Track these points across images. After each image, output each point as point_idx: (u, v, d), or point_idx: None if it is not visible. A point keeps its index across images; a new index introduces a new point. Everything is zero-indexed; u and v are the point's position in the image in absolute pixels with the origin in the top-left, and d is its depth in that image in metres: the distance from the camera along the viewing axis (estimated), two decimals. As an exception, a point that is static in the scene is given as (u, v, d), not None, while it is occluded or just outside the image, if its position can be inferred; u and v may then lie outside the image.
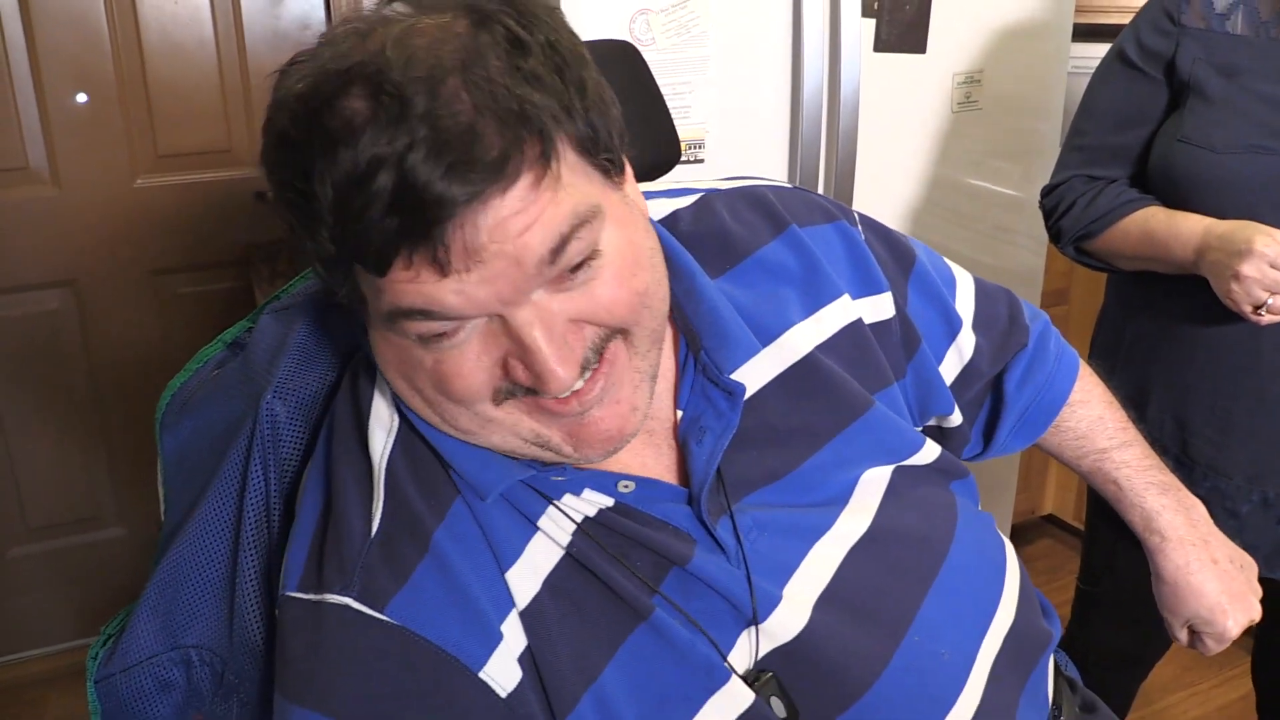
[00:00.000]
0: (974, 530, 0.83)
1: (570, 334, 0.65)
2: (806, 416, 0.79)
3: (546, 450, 0.70)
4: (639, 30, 1.65)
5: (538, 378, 0.64)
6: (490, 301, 0.62)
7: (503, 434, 0.69)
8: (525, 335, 0.63)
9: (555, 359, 0.63)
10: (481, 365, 0.65)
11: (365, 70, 0.59)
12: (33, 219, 2.15)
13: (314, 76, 0.61)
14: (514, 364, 0.65)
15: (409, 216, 0.58)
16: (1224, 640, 0.98)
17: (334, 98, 0.60)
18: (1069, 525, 2.73)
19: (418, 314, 0.62)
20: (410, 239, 0.59)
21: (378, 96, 0.59)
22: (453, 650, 0.67)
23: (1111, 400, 1.04)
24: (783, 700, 0.71)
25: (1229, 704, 2.22)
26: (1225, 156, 1.23)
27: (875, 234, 0.90)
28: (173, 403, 0.89)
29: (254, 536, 0.79)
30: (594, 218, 0.64)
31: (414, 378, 0.68)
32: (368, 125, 0.58)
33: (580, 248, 0.63)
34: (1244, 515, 1.32)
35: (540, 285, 0.63)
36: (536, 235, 0.61)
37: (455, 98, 0.59)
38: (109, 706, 0.82)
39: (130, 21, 2.12)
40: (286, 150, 0.62)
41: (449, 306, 0.62)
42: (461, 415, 0.68)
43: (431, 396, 0.68)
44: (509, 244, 0.60)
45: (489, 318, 0.64)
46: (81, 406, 2.30)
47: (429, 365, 0.66)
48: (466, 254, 0.60)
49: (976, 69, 2.00)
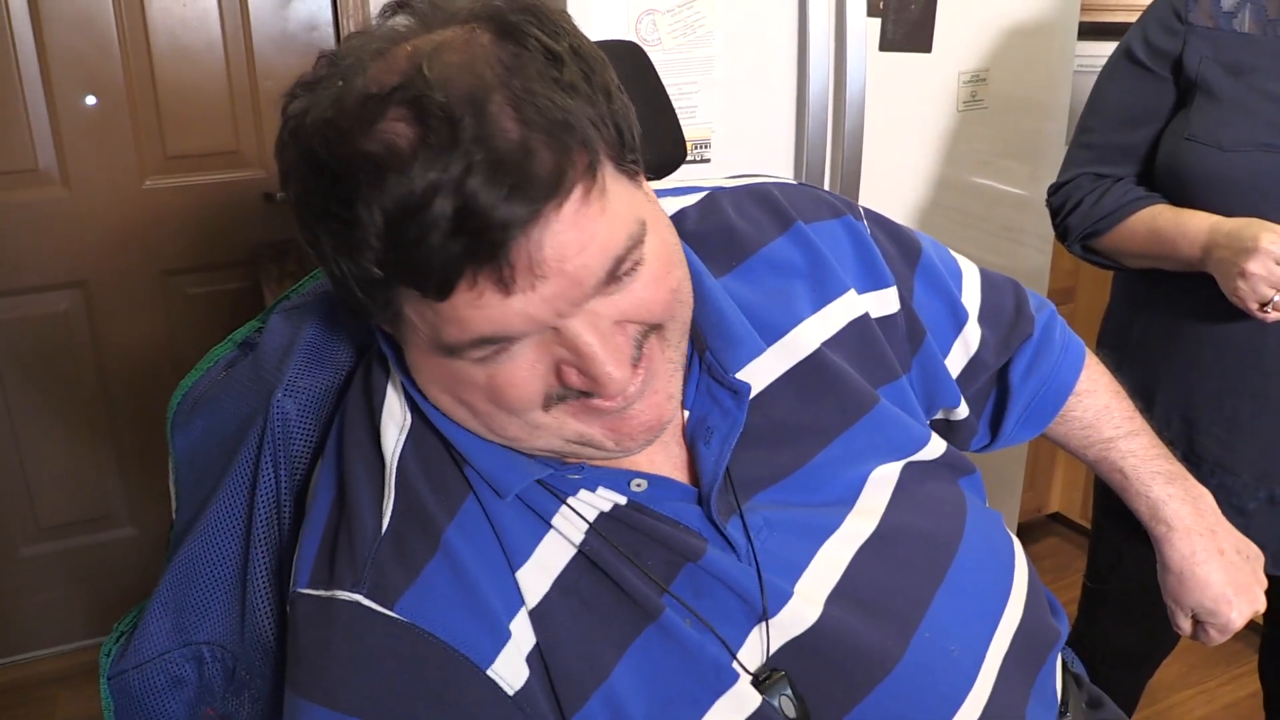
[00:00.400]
0: (983, 528, 0.83)
1: (618, 334, 0.67)
2: (813, 413, 0.79)
3: (587, 448, 0.71)
4: (645, 30, 1.65)
5: (595, 381, 0.65)
6: (550, 317, 0.63)
7: (548, 438, 0.70)
8: (581, 344, 0.64)
9: (611, 362, 0.65)
10: (536, 374, 0.66)
11: (405, 93, 0.59)
12: (43, 221, 2.16)
13: (345, 101, 0.61)
14: (568, 370, 0.66)
15: (474, 240, 0.59)
16: (1227, 631, 0.98)
17: (373, 122, 0.59)
18: (1075, 524, 2.73)
19: (485, 341, 0.63)
20: (475, 261, 0.59)
21: (424, 120, 0.58)
22: (461, 648, 0.68)
23: (1118, 390, 1.03)
24: (793, 699, 0.72)
25: (1236, 702, 2.22)
26: (1232, 155, 1.23)
27: (881, 228, 0.90)
28: (183, 402, 0.90)
29: (265, 533, 0.80)
30: (643, 234, 0.66)
31: (463, 394, 0.68)
32: (418, 151, 0.58)
33: (630, 263, 0.65)
34: (1251, 512, 1.32)
35: (594, 297, 0.65)
36: (595, 256, 0.63)
37: (502, 115, 0.59)
38: (122, 703, 0.83)
39: (139, 24, 2.13)
40: (323, 177, 0.62)
41: (513, 328, 0.63)
42: (511, 424, 0.69)
43: (483, 409, 0.69)
44: (569, 262, 0.61)
45: (543, 329, 0.65)
46: (92, 407, 2.31)
47: (482, 381, 0.66)
48: (531, 271, 0.61)
49: (982, 68, 2.00)
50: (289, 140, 0.64)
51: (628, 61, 1.04)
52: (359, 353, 0.84)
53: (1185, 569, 0.97)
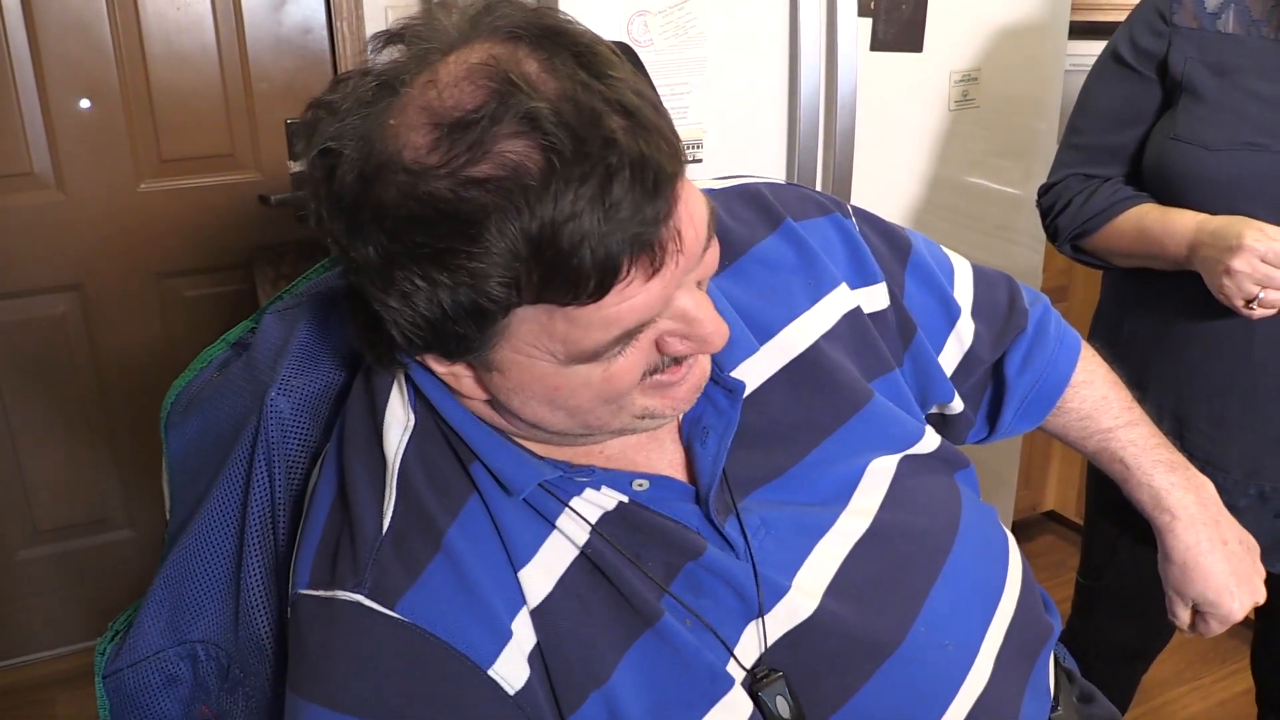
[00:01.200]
0: (977, 522, 0.84)
1: (704, 295, 0.69)
2: (807, 411, 0.80)
3: (646, 420, 0.72)
4: (637, 31, 1.66)
5: (703, 341, 0.67)
6: (673, 291, 0.65)
7: (623, 418, 0.71)
8: (691, 311, 0.66)
9: (712, 321, 0.67)
10: (640, 356, 0.67)
11: (509, 110, 0.58)
12: (39, 224, 2.17)
13: (429, 134, 0.59)
14: (671, 341, 0.67)
15: (629, 237, 0.59)
16: (1228, 622, 0.98)
17: (483, 146, 0.58)
18: (1071, 522, 2.74)
19: (633, 333, 0.64)
20: (632, 250, 0.60)
21: (541, 134, 0.58)
22: (462, 648, 0.68)
23: (1116, 381, 1.03)
24: (788, 699, 0.72)
25: (1231, 698, 2.22)
26: (1218, 154, 1.24)
27: (870, 225, 0.91)
28: (177, 402, 0.90)
29: (259, 532, 0.81)
30: (711, 206, 0.67)
31: (569, 400, 0.68)
32: (550, 164, 0.57)
33: (711, 228, 0.67)
34: (1242, 509, 1.33)
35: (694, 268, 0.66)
36: (700, 226, 0.65)
37: (608, 111, 0.59)
38: (117, 701, 0.84)
39: (133, 28, 2.13)
40: (430, 220, 0.59)
41: (653, 311, 0.64)
42: (605, 411, 0.69)
43: (587, 407, 0.68)
44: (690, 232, 0.63)
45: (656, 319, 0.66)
46: (89, 409, 2.32)
47: (598, 381, 0.66)
48: (674, 246, 0.62)
49: (974, 67, 2.01)
50: (352, 193, 0.62)
51: (617, 63, 1.04)
52: (352, 353, 0.84)
53: (1189, 559, 0.96)
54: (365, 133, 0.61)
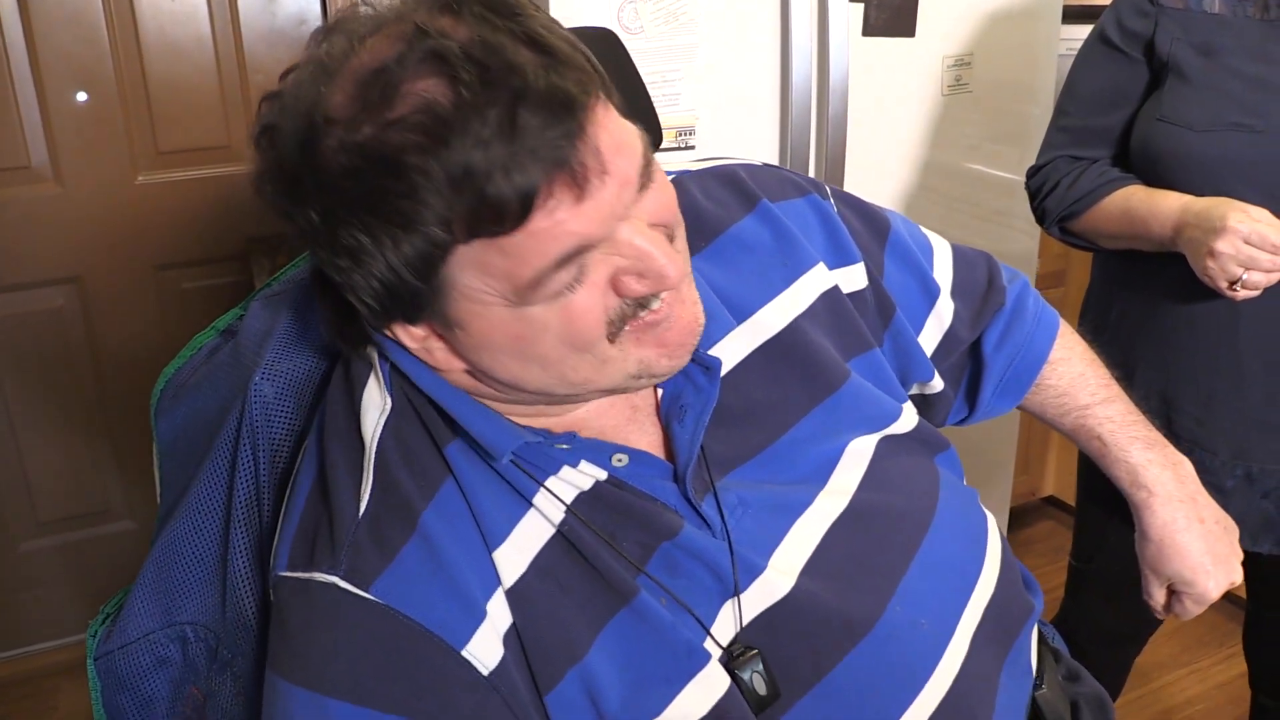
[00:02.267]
0: (955, 504, 0.84)
1: (657, 234, 0.69)
2: (785, 390, 0.81)
3: (644, 377, 0.72)
4: (627, 19, 1.66)
5: (657, 275, 0.67)
6: (612, 219, 0.65)
7: (613, 374, 0.71)
8: (637, 244, 0.66)
9: (664, 255, 0.67)
10: (597, 296, 0.67)
11: (417, 53, 0.61)
12: (36, 217, 2.17)
13: (351, 89, 0.62)
14: (626, 280, 0.67)
15: (542, 153, 0.60)
16: (1203, 603, 0.97)
17: (396, 89, 0.60)
18: (1070, 507, 2.73)
19: (570, 258, 0.64)
20: (547, 170, 0.61)
21: (447, 69, 0.60)
22: (435, 629, 0.69)
23: (1093, 358, 1.03)
24: (763, 676, 0.73)
25: (1229, 681, 2.23)
26: (1203, 135, 1.24)
27: (848, 206, 0.91)
28: (167, 389, 0.92)
29: (245, 515, 0.82)
30: (645, 140, 0.68)
31: (535, 349, 0.68)
32: (459, 96, 0.59)
33: (651, 166, 0.68)
34: (1229, 490, 1.34)
35: (635, 203, 0.67)
36: (629, 155, 0.65)
37: (513, 43, 0.61)
38: (108, 683, 0.85)
39: (128, 20, 2.14)
40: (358, 168, 0.61)
41: (591, 234, 0.64)
42: (583, 364, 0.70)
43: (556, 356, 0.69)
44: (619, 157, 0.64)
45: (596, 249, 0.66)
46: (88, 401, 2.33)
47: (555, 323, 0.67)
48: (597, 167, 0.63)
49: (966, 52, 2.00)
50: (290, 160, 0.64)
51: (602, 48, 1.05)
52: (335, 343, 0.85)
53: (1165, 536, 0.96)
54: (301, 107, 0.64)
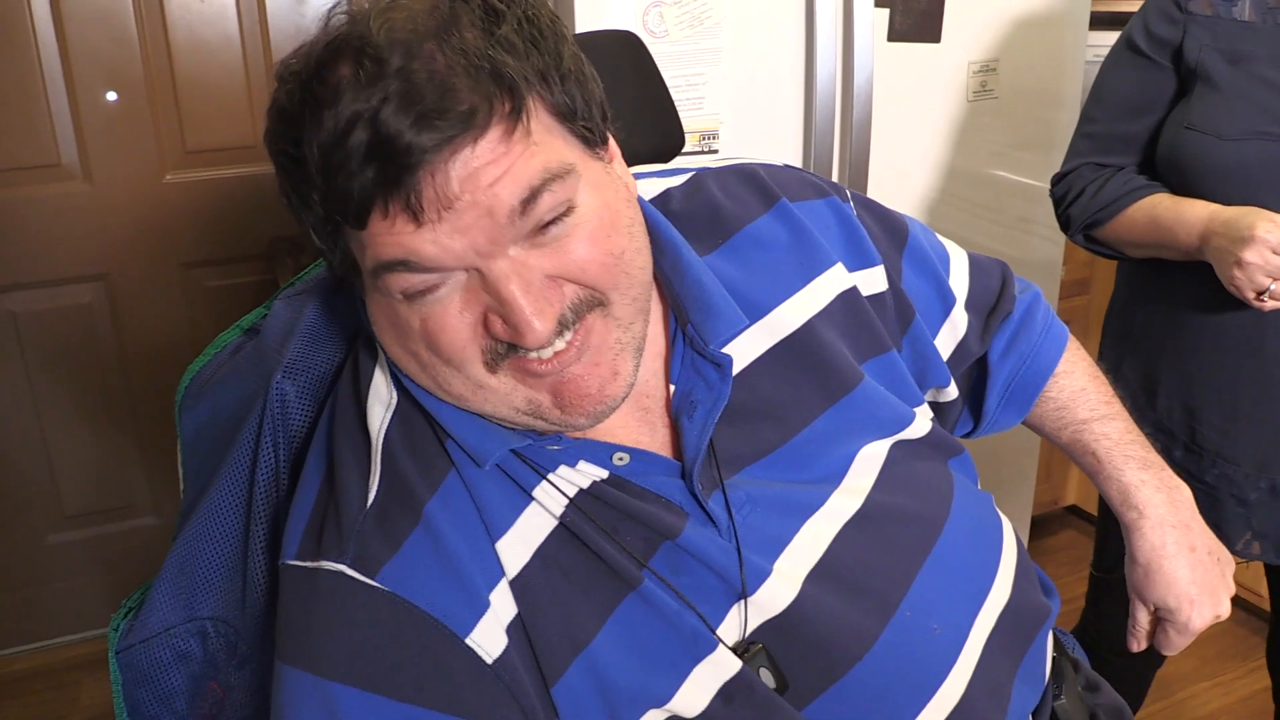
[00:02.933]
0: (970, 508, 0.84)
1: (549, 290, 0.67)
2: (798, 391, 0.80)
3: (538, 419, 0.71)
4: (652, 23, 1.67)
5: (515, 330, 0.65)
6: (466, 253, 0.64)
7: (495, 403, 0.71)
8: (502, 288, 0.65)
9: (531, 310, 0.64)
10: (464, 321, 0.67)
11: (350, 41, 0.63)
12: (65, 214, 2.20)
13: (306, 52, 0.65)
14: (493, 319, 0.66)
15: (382, 166, 0.61)
16: (1185, 633, 0.94)
17: (322, 68, 0.63)
18: (1093, 516, 2.71)
19: (398, 265, 0.65)
20: (384, 188, 0.62)
21: (359, 61, 0.62)
22: (440, 616, 0.70)
23: (1098, 374, 1.02)
24: (772, 671, 0.73)
25: (1253, 695, 2.20)
26: (1231, 143, 1.23)
27: (867, 210, 0.91)
28: (191, 386, 0.93)
29: (265, 511, 0.82)
30: (567, 174, 0.66)
31: (407, 341, 0.70)
32: (349, 87, 0.61)
33: (552, 202, 0.65)
34: (1252, 503, 1.32)
35: (516, 240, 0.65)
36: (507, 186, 0.63)
37: (430, 58, 0.62)
38: (129, 677, 0.85)
39: (158, 20, 2.16)
40: (282, 122, 0.66)
41: (426, 256, 0.64)
42: (455, 379, 0.70)
43: (426, 358, 0.70)
44: (481, 194, 0.62)
45: (468, 272, 0.66)
46: (114, 397, 2.35)
47: (416, 325, 0.68)
48: (439, 202, 0.62)
49: (992, 58, 1.99)
50: (272, 97, 0.68)
51: (624, 51, 1.05)
52: (353, 335, 0.86)
53: (1153, 561, 0.93)
54: (304, 48, 0.67)
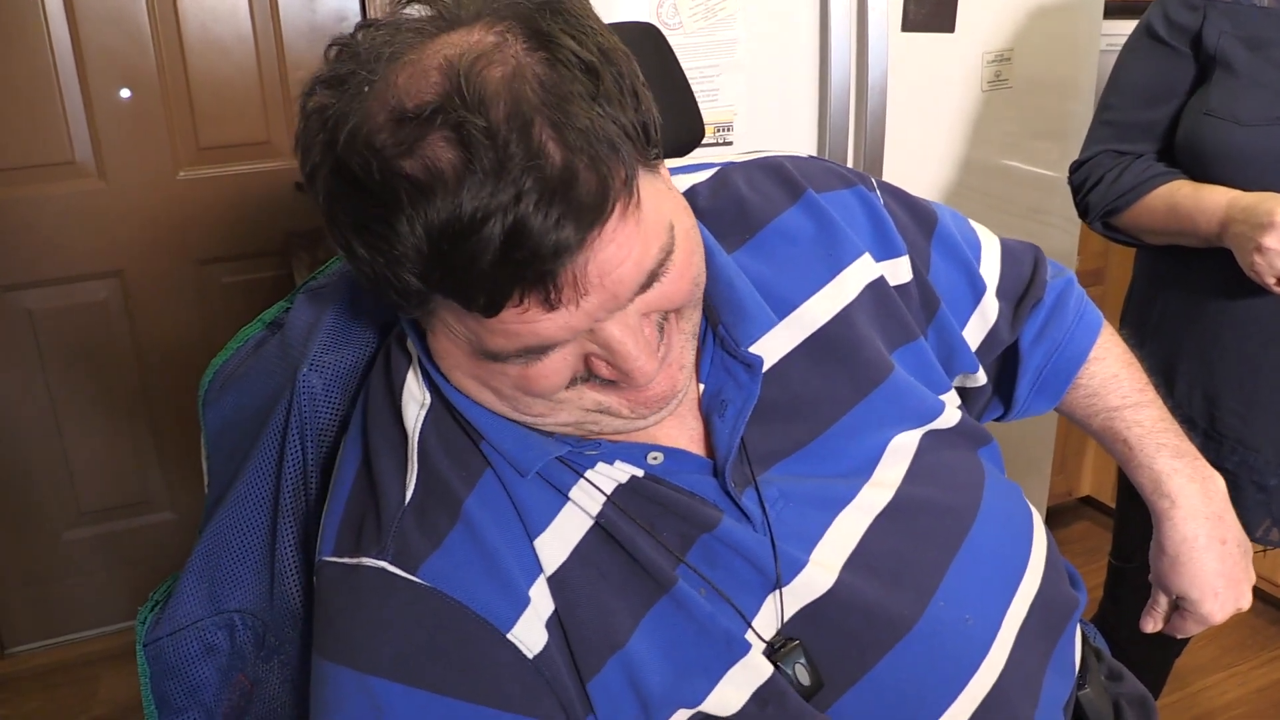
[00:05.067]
0: (1001, 498, 0.83)
1: (645, 326, 0.68)
2: (827, 384, 0.80)
3: (605, 416, 0.72)
4: (666, 14, 1.66)
5: (626, 375, 0.67)
6: (587, 325, 0.65)
7: (568, 411, 0.71)
8: (615, 344, 0.66)
9: (642, 357, 0.67)
10: (566, 366, 0.68)
11: (447, 117, 0.59)
12: (80, 212, 2.21)
13: (377, 117, 0.61)
14: (597, 362, 0.68)
15: (524, 266, 0.59)
16: (1205, 624, 0.94)
17: (414, 144, 0.59)
18: (1107, 507, 2.71)
19: (530, 351, 0.65)
20: (523, 283, 0.60)
21: (468, 145, 0.58)
22: (482, 611, 0.70)
23: (1131, 361, 1.00)
24: (807, 667, 0.73)
25: (1270, 685, 2.20)
26: (1251, 129, 1.22)
27: (895, 198, 0.91)
28: (214, 380, 0.93)
29: (292, 504, 0.83)
30: (673, 243, 0.67)
31: (491, 381, 0.70)
32: (464, 175, 0.58)
33: (664, 270, 0.66)
34: (1272, 489, 1.32)
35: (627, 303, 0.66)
36: (630, 273, 0.64)
37: (545, 139, 0.59)
38: (157, 670, 0.86)
39: (171, 18, 2.17)
40: (361, 193, 0.61)
41: (552, 338, 0.64)
42: (536, 404, 0.71)
43: (509, 394, 0.70)
44: (609, 280, 0.63)
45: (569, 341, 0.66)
46: (130, 393, 2.36)
47: (514, 374, 0.68)
48: (575, 289, 0.62)
49: (1007, 47, 1.99)
50: (320, 149, 0.64)
51: (644, 43, 1.05)
52: (381, 330, 0.86)
53: (1182, 552, 0.92)
54: (347, 90, 0.63)
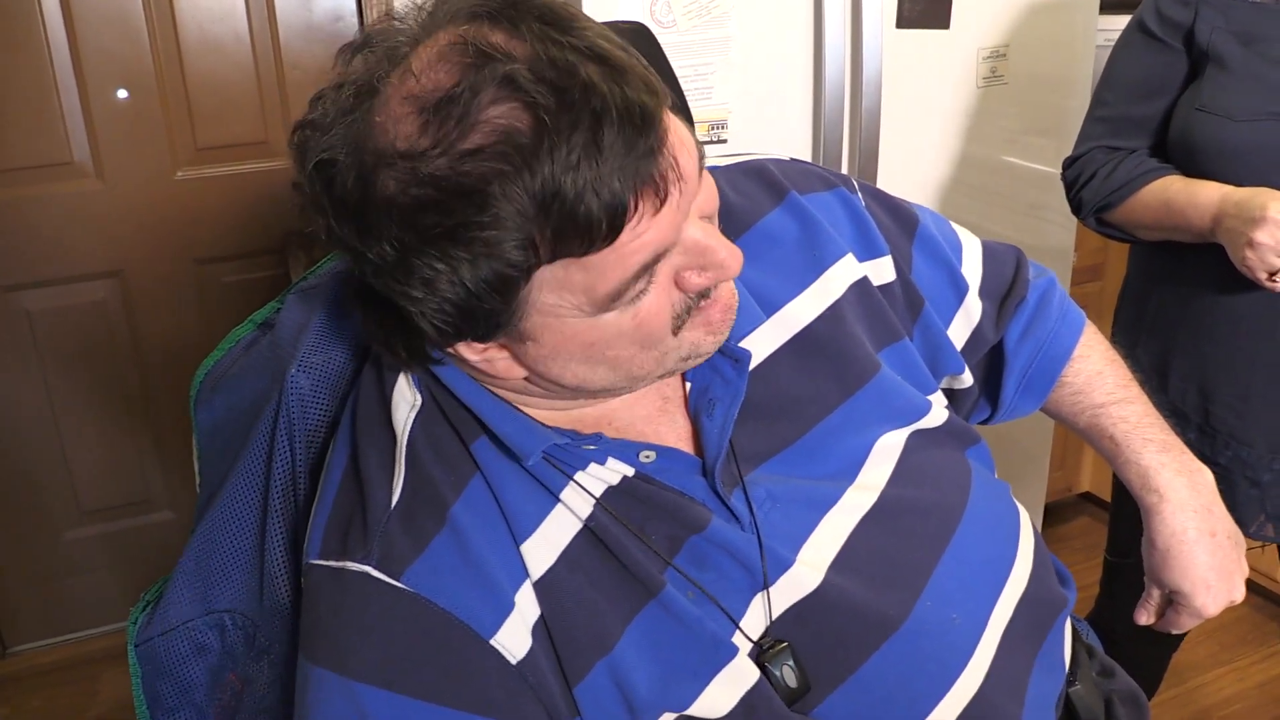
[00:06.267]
0: (988, 498, 0.84)
1: (711, 226, 0.70)
2: (814, 383, 0.81)
3: (690, 359, 0.73)
4: (660, 13, 1.66)
5: (718, 268, 0.69)
6: (682, 220, 0.66)
7: (667, 362, 0.72)
8: (701, 240, 0.67)
9: (724, 248, 0.68)
10: (666, 295, 0.68)
11: (484, 78, 0.59)
12: (79, 212, 2.21)
13: (414, 120, 0.61)
14: (688, 275, 0.68)
15: (629, 173, 0.60)
16: (1198, 617, 0.94)
17: (470, 118, 0.59)
18: (1106, 503, 2.69)
19: (648, 267, 0.65)
20: (636, 187, 0.61)
21: (522, 93, 0.59)
22: (465, 618, 0.70)
23: (1115, 358, 1.00)
24: (795, 669, 0.73)
25: (1269, 681, 2.20)
26: (1243, 124, 1.23)
27: (875, 200, 0.91)
28: (206, 380, 0.93)
29: (281, 504, 0.83)
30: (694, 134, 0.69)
31: (607, 351, 0.69)
32: (538, 122, 0.58)
33: (703, 157, 0.68)
34: (1266, 484, 1.32)
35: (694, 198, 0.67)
36: (686, 152, 0.65)
37: (580, 61, 0.60)
38: (149, 669, 0.86)
39: (168, 18, 2.17)
40: (434, 201, 0.60)
41: (667, 238, 0.65)
42: (648, 359, 0.71)
43: (625, 356, 0.70)
44: (683, 153, 0.64)
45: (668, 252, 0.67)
46: (130, 393, 2.37)
47: (629, 327, 0.68)
48: (674, 173, 0.63)
49: (1002, 43, 1.99)
50: (355, 196, 0.63)
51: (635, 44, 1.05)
52: None
53: (1172, 546, 0.92)
54: (355, 136, 0.63)
